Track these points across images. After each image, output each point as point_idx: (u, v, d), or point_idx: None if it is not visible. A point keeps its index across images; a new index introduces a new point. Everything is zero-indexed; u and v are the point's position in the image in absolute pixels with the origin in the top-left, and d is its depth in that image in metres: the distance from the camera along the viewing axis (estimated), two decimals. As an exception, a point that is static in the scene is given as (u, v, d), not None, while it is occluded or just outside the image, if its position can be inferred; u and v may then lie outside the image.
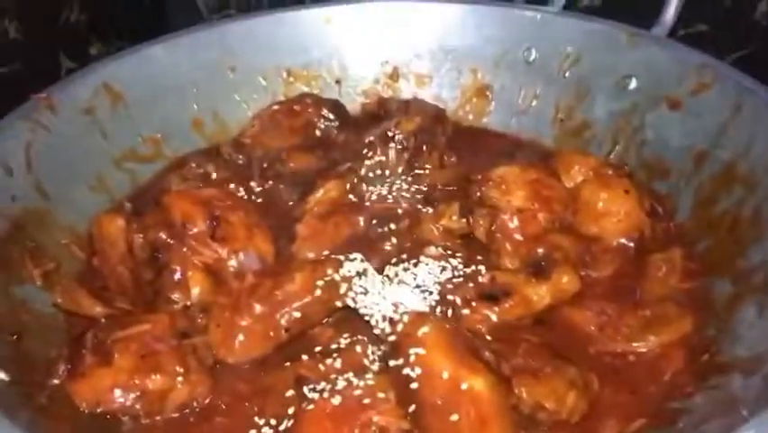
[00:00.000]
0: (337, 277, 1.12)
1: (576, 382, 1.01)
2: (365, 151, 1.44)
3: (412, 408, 0.92)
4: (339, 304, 1.11)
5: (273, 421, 1.00)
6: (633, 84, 1.46)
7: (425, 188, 1.39)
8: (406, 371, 0.95)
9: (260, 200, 1.39)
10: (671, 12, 1.48)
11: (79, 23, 1.83)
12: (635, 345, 1.10)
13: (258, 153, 1.51)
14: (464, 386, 0.91)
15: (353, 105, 1.67)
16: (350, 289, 1.12)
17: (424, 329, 0.97)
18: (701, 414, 0.94)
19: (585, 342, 1.12)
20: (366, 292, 1.12)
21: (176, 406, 1.02)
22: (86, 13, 1.86)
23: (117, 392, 1.00)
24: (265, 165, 1.48)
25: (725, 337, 1.07)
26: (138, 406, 1.01)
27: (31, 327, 1.10)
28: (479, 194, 1.24)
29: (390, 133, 1.43)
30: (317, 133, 1.55)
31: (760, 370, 0.93)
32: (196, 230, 1.18)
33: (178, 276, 1.15)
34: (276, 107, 1.58)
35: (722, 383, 0.98)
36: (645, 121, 1.43)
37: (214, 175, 1.44)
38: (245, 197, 1.37)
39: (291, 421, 0.98)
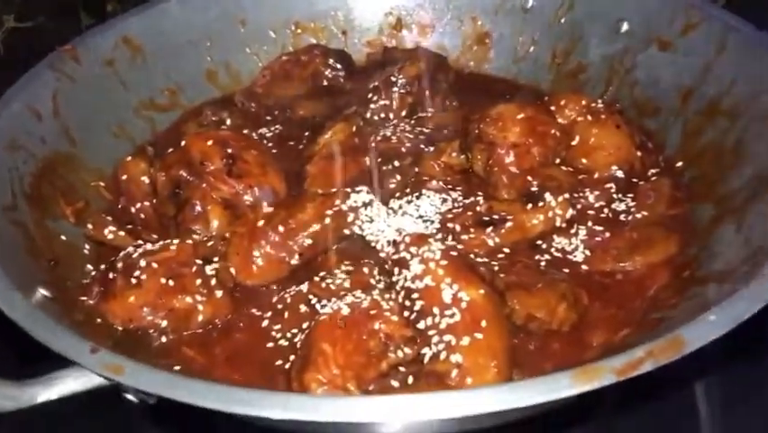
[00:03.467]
0: (345, 207, 1.21)
1: (566, 296, 1.09)
2: (370, 95, 1.51)
3: (414, 316, 1.01)
4: (347, 231, 1.20)
5: (288, 335, 1.10)
6: (624, 27, 1.52)
7: (427, 130, 1.45)
8: (408, 284, 1.04)
9: (270, 144, 1.47)
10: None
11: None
12: (622, 264, 1.19)
13: (269, 102, 1.59)
14: (461, 295, 1.00)
15: (359, 55, 1.73)
16: (357, 218, 1.21)
17: (423, 247, 1.06)
18: (678, 319, 1.02)
19: (576, 263, 1.20)
20: (372, 221, 1.21)
21: (200, 323, 1.12)
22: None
23: (146, 310, 1.10)
24: (276, 112, 1.57)
25: (705, 255, 1.15)
26: (166, 323, 1.10)
27: (64, 257, 1.19)
28: (477, 131, 1.31)
29: (394, 78, 1.51)
30: (324, 81, 1.62)
31: (732, 278, 1.01)
32: (213, 167, 1.26)
33: (198, 210, 1.24)
34: (285, 58, 1.66)
35: (699, 293, 1.06)
36: (637, 62, 1.49)
37: (228, 122, 1.53)
38: (258, 141, 1.44)
39: (305, 334, 1.07)
